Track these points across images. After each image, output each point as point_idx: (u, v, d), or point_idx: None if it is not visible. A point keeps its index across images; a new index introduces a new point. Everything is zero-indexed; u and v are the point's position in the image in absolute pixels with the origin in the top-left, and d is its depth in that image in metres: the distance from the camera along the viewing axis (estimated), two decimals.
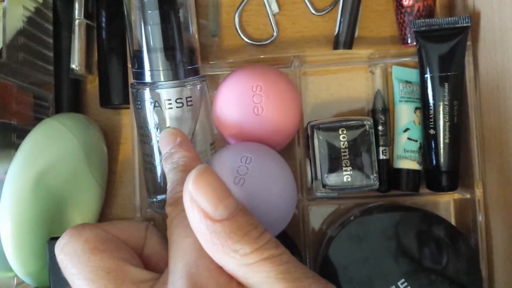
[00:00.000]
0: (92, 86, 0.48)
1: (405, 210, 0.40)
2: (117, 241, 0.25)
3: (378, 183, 0.42)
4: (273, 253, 0.22)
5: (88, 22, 0.46)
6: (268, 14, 0.48)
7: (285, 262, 0.22)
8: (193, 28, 0.40)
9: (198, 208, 0.22)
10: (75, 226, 0.24)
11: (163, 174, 0.35)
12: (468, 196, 0.42)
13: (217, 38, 0.48)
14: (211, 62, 0.44)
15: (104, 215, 0.46)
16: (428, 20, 0.42)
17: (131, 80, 0.41)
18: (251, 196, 0.34)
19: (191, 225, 0.22)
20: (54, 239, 0.39)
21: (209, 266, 0.22)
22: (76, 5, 0.45)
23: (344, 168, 0.41)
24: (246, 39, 0.47)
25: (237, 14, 0.48)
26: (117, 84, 0.45)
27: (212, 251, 0.22)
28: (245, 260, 0.21)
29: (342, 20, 0.45)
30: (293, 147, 0.43)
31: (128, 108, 0.46)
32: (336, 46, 0.46)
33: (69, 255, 0.24)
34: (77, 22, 0.45)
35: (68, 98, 0.47)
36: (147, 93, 0.39)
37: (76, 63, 0.45)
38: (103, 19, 0.46)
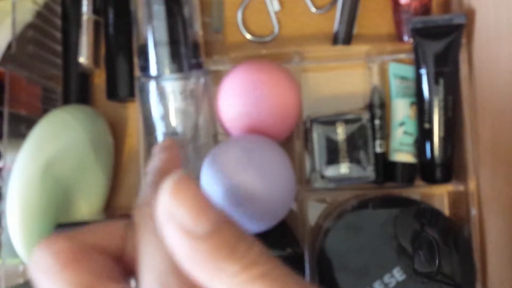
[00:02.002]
0: (99, 79, 0.49)
1: (401, 201, 0.41)
2: (93, 251, 0.22)
3: (374, 175, 0.43)
4: (265, 269, 0.19)
5: (95, 17, 0.47)
6: (269, 11, 0.49)
7: (278, 278, 0.19)
8: (197, 24, 0.41)
9: (175, 223, 0.18)
10: (46, 239, 0.21)
11: None
12: (462, 188, 0.43)
13: (220, 34, 0.49)
14: (214, 58, 0.45)
15: (110, 204, 0.47)
16: (424, 18, 0.43)
17: (137, 73, 0.42)
18: (252, 186, 0.35)
19: (167, 242, 0.19)
20: (61, 226, 0.40)
21: (184, 282, 0.20)
22: (84, 1, 0.46)
23: (341, 161, 0.42)
24: (248, 36, 0.49)
25: (240, 12, 0.49)
26: (124, 77, 0.46)
27: (194, 271, 0.19)
28: (233, 280, 0.18)
29: (341, 18, 0.46)
30: (292, 140, 0.44)
31: (134, 101, 0.47)
32: (335, 42, 0.47)
33: (40, 270, 0.21)
34: (85, 17, 0.46)
35: (75, 91, 0.47)
36: (152, 85, 0.40)
37: (84, 57, 0.46)
38: (110, 15, 0.47)
